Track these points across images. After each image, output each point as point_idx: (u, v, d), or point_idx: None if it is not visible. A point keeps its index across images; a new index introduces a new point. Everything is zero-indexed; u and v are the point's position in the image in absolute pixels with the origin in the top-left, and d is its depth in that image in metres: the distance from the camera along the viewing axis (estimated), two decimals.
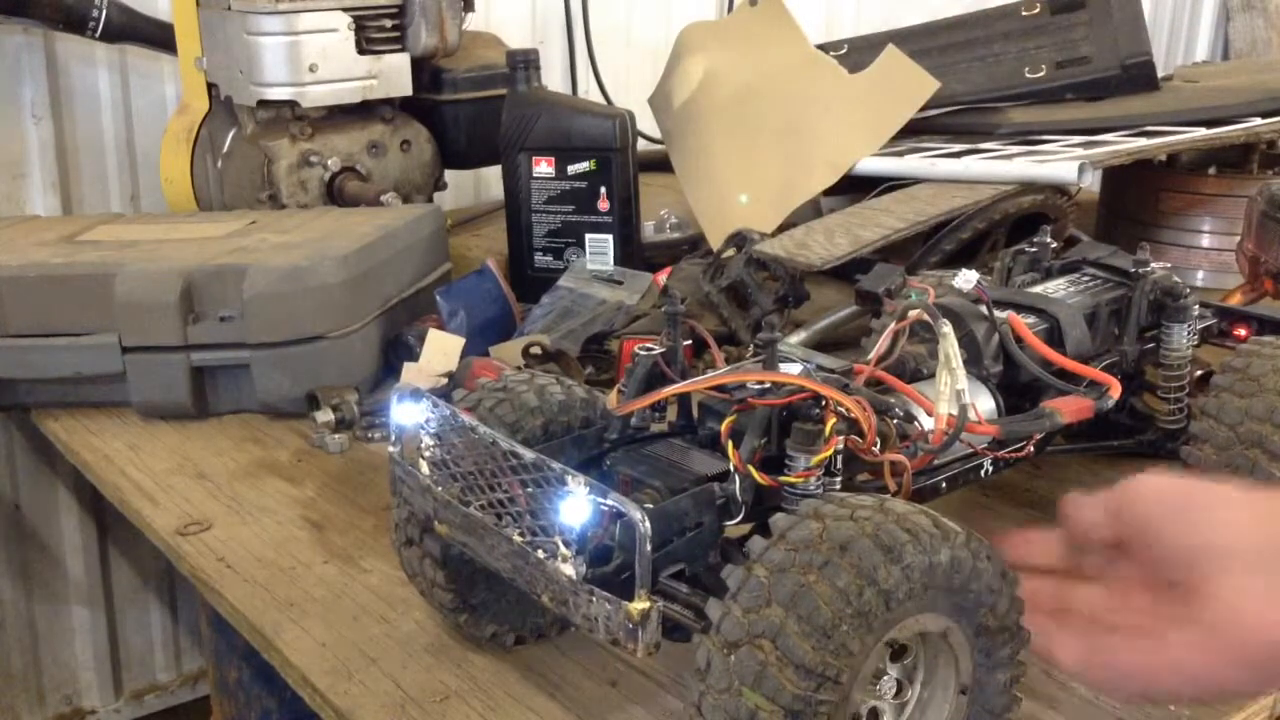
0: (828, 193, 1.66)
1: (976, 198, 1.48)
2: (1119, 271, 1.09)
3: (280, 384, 1.30)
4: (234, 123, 1.71)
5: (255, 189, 1.67)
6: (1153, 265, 1.07)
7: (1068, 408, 0.90)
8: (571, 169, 1.59)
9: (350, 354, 1.33)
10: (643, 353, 0.86)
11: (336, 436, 1.24)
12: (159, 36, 1.81)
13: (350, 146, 1.70)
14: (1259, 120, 1.62)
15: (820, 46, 1.88)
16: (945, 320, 0.84)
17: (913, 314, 0.88)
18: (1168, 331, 1.05)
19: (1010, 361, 0.94)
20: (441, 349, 1.35)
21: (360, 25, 1.66)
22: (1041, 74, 1.80)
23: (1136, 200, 1.75)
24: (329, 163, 1.68)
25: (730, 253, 1.48)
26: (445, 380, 1.32)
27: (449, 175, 1.88)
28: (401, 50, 1.71)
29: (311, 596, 0.97)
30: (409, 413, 0.82)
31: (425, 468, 0.80)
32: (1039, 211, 1.53)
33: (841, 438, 0.76)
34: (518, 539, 0.72)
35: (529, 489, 0.72)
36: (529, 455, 0.72)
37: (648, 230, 1.74)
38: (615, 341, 1.40)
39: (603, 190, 1.59)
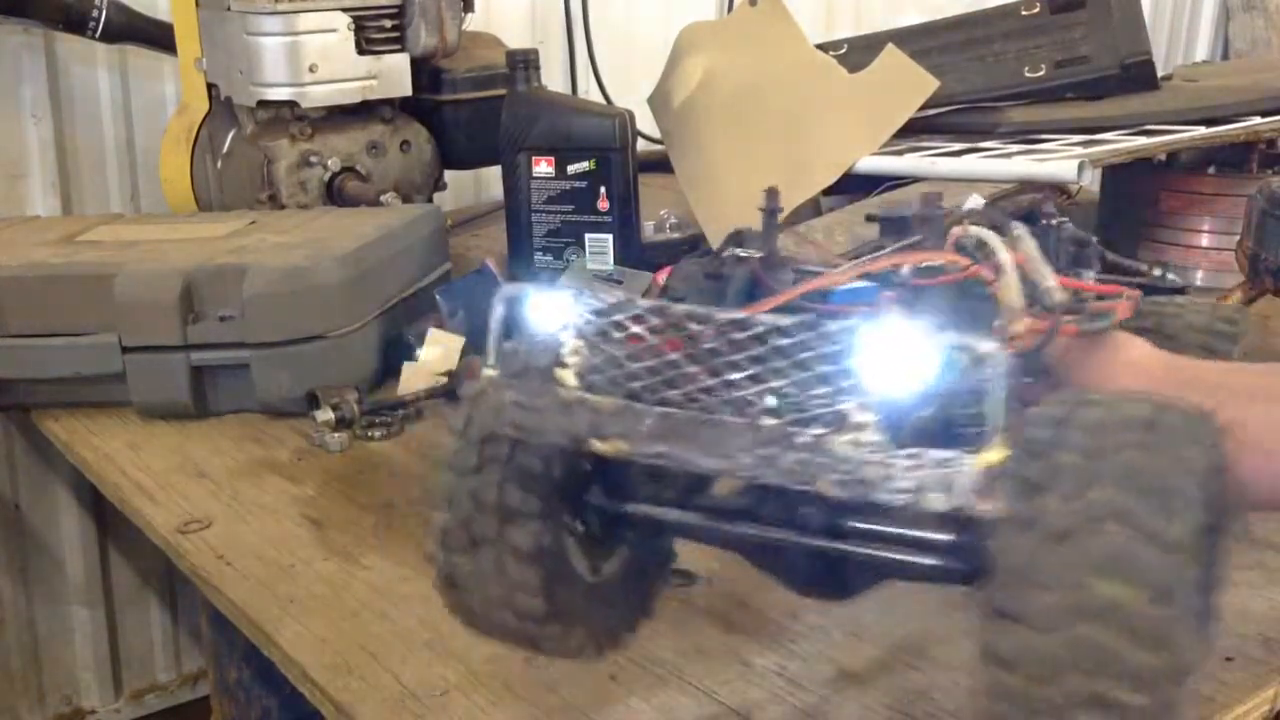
0: (827, 192, 1.66)
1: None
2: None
3: (280, 384, 1.30)
4: (234, 123, 1.71)
5: (255, 189, 1.67)
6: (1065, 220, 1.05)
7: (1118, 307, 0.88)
8: (571, 169, 1.59)
9: (350, 354, 1.33)
10: (733, 258, 0.75)
11: (336, 435, 1.24)
12: (159, 36, 1.81)
13: (350, 147, 1.70)
14: (1259, 120, 1.62)
15: (820, 46, 1.88)
16: (1015, 222, 0.78)
17: (966, 228, 0.79)
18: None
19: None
20: (441, 348, 1.36)
21: (360, 25, 1.66)
22: (1041, 73, 1.80)
23: (1136, 199, 1.75)
24: (329, 163, 1.68)
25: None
26: (445, 379, 1.32)
27: (449, 175, 1.88)
28: (401, 50, 1.71)
29: (312, 593, 0.97)
30: (550, 313, 0.64)
31: (571, 378, 0.63)
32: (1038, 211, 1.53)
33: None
34: (768, 421, 0.58)
35: (769, 361, 0.59)
36: (771, 318, 0.59)
37: (648, 230, 1.74)
38: None
39: (603, 190, 1.59)
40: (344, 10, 1.64)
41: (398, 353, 1.38)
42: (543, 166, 1.60)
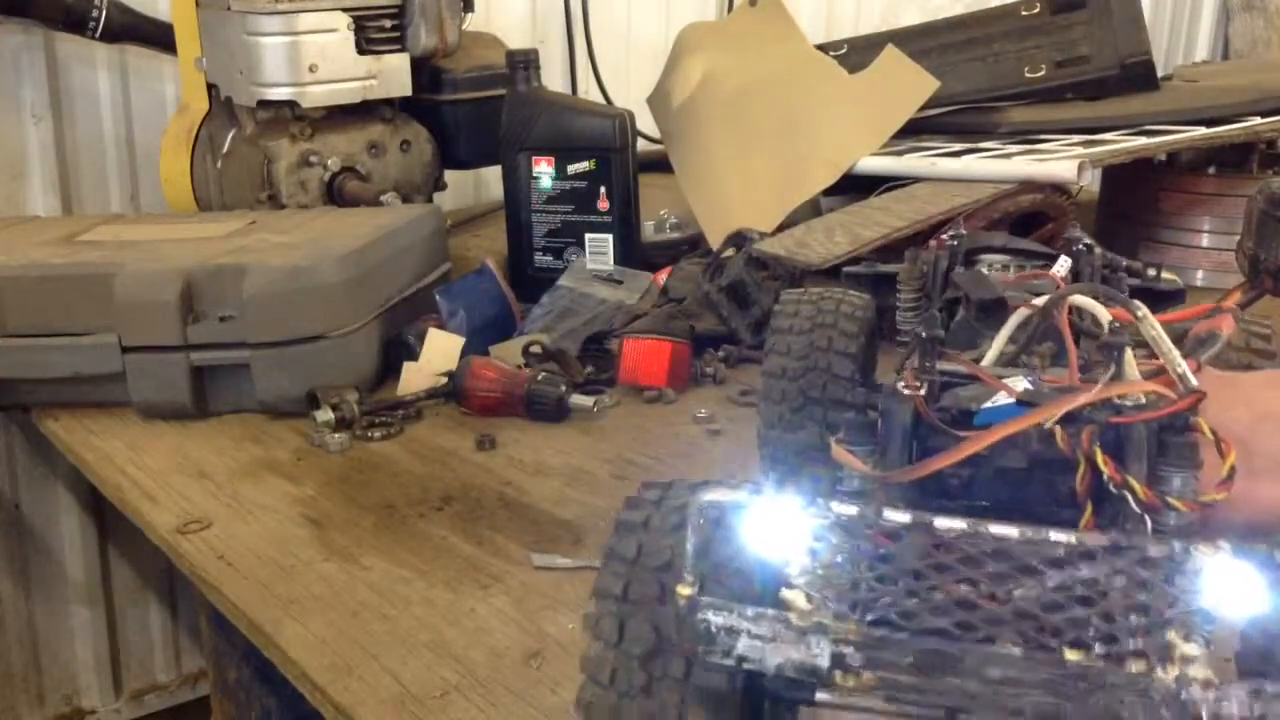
0: (828, 193, 1.66)
1: (976, 197, 1.48)
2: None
3: (280, 384, 1.30)
4: (234, 123, 1.71)
5: (255, 189, 1.67)
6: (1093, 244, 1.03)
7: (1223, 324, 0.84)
8: (571, 169, 1.59)
9: (350, 354, 1.33)
10: (894, 392, 0.67)
11: (336, 436, 1.24)
12: (159, 36, 1.82)
13: (350, 147, 1.70)
14: (1259, 120, 1.62)
15: (820, 46, 1.88)
16: (1137, 303, 0.74)
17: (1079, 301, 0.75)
18: None
19: None
20: (441, 348, 1.36)
21: (360, 25, 1.66)
22: (1041, 74, 1.80)
23: (1136, 200, 1.76)
24: (329, 163, 1.68)
25: (730, 252, 1.48)
26: (445, 379, 1.32)
27: (449, 175, 1.88)
28: (401, 50, 1.71)
29: (312, 593, 0.97)
30: (773, 528, 0.54)
31: (802, 601, 0.53)
32: (1039, 210, 1.53)
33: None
34: (1073, 654, 0.48)
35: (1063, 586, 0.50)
36: (1073, 539, 0.51)
37: (648, 230, 1.74)
38: (615, 341, 1.40)
39: (603, 190, 1.59)
40: (344, 10, 1.64)
41: (398, 353, 1.38)
42: (543, 166, 1.60)
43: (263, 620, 0.94)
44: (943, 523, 0.52)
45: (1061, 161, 1.50)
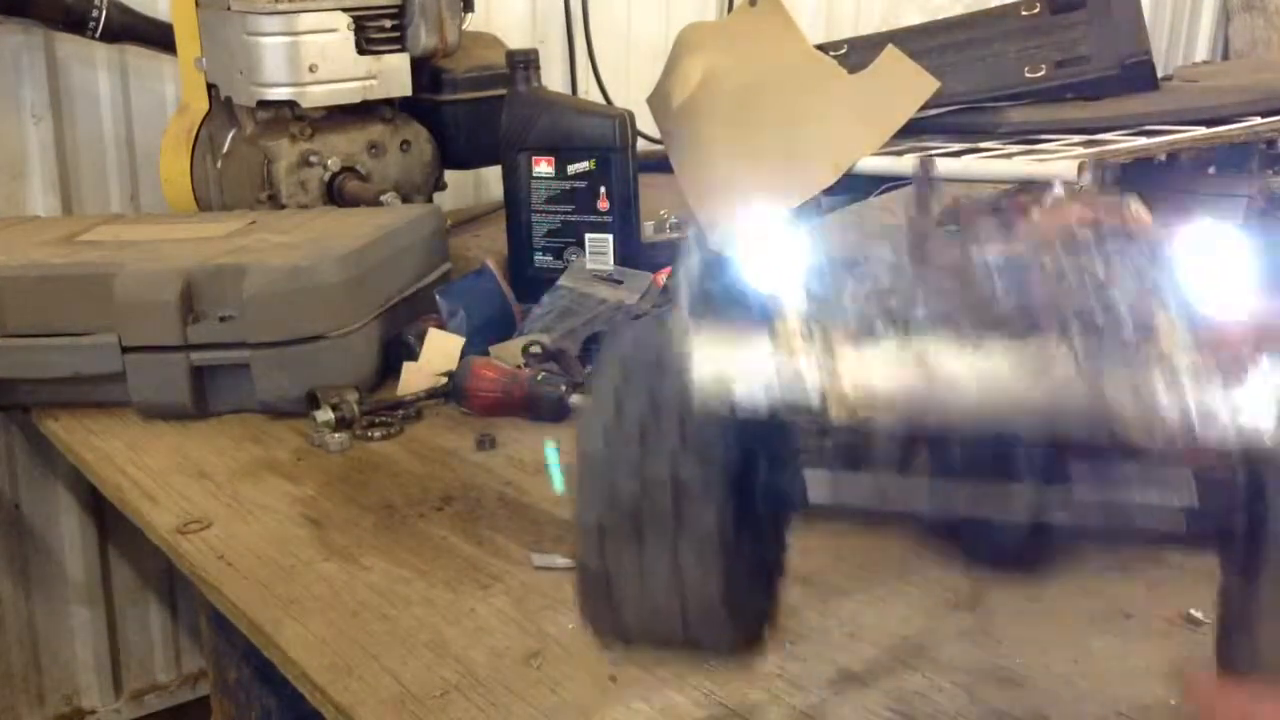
0: (827, 193, 1.66)
1: (976, 196, 1.48)
2: None
3: (280, 384, 1.30)
4: (234, 123, 1.71)
5: (255, 189, 1.67)
6: None
7: None
8: (571, 169, 1.59)
9: (350, 354, 1.33)
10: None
11: (336, 436, 1.24)
12: (159, 36, 1.82)
13: (350, 147, 1.70)
14: (1259, 120, 1.62)
15: (820, 46, 1.88)
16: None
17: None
18: None
19: None
20: (441, 349, 1.36)
21: (360, 25, 1.66)
22: (1041, 74, 1.80)
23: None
24: (329, 163, 1.68)
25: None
26: (445, 380, 1.32)
27: (449, 175, 1.88)
28: (401, 50, 1.71)
29: (312, 593, 0.97)
30: (767, 256, 0.52)
31: (798, 331, 0.51)
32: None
33: None
34: (1064, 353, 0.47)
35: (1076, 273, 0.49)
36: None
37: (648, 230, 1.74)
38: None
39: (603, 190, 1.59)
40: (344, 10, 1.64)
41: (398, 353, 1.38)
42: (543, 166, 1.60)
43: (263, 620, 0.94)
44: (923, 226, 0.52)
45: (1061, 161, 1.50)
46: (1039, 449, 0.55)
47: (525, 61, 1.62)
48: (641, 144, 1.68)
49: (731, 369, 0.51)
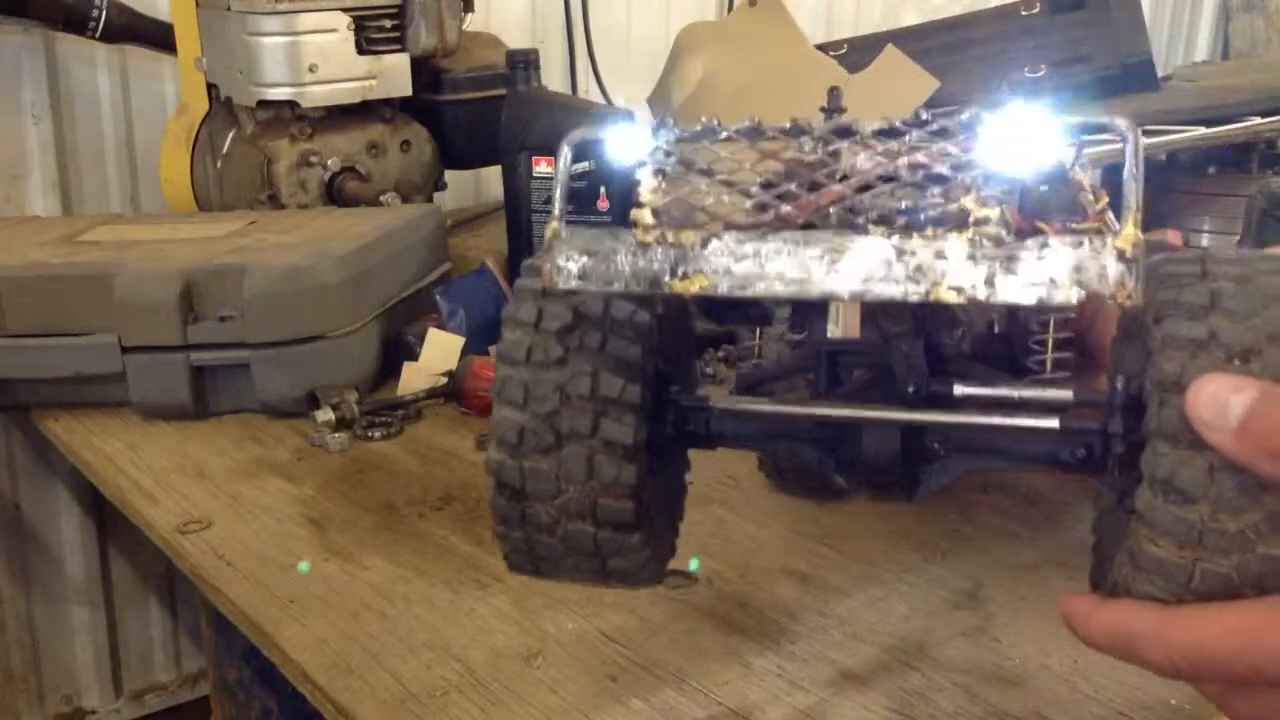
0: None
1: None
2: None
3: (280, 384, 1.30)
4: (234, 123, 1.71)
5: (255, 189, 1.67)
6: None
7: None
8: (571, 169, 1.58)
9: (350, 354, 1.33)
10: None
11: (336, 435, 1.24)
12: (159, 36, 1.82)
13: (350, 147, 1.70)
14: (1259, 120, 1.62)
15: (820, 46, 1.88)
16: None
17: None
18: None
19: None
20: (441, 348, 1.36)
21: (360, 25, 1.66)
22: (1041, 74, 1.80)
23: None
24: (329, 163, 1.68)
25: None
26: (445, 379, 1.32)
27: (449, 175, 1.88)
28: (401, 50, 1.71)
29: (311, 593, 0.97)
30: (626, 150, 0.57)
31: (648, 218, 0.54)
32: None
33: None
34: (877, 230, 0.50)
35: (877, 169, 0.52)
36: (876, 122, 0.52)
37: None
38: None
39: (603, 190, 1.59)
40: (344, 10, 1.65)
41: (398, 353, 1.39)
42: (543, 166, 1.60)
43: (263, 620, 0.94)
44: (772, 126, 0.54)
45: None
46: (915, 364, 0.58)
47: (525, 61, 1.62)
48: None
49: (590, 255, 0.55)
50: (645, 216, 0.54)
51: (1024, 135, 0.49)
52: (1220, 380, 0.48)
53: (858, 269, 0.50)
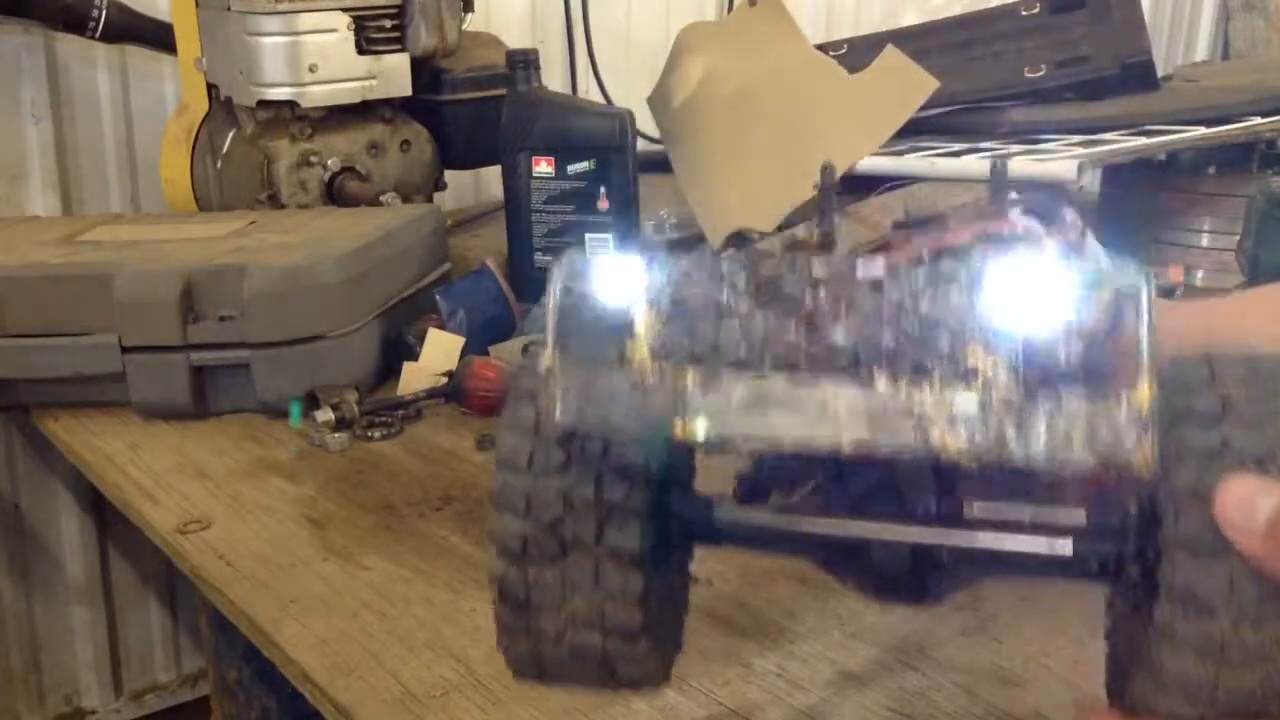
0: None
1: (976, 197, 1.48)
2: None
3: (280, 384, 1.30)
4: (234, 123, 1.71)
5: (255, 189, 1.67)
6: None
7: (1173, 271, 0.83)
8: (571, 169, 1.59)
9: (350, 354, 1.33)
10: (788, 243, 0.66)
11: (336, 436, 1.24)
12: (159, 36, 1.82)
13: (350, 147, 1.70)
14: (1259, 120, 1.62)
15: (820, 46, 1.88)
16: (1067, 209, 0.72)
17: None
18: None
19: None
20: (441, 349, 1.36)
21: (360, 25, 1.66)
22: (1041, 73, 1.80)
23: (1136, 199, 1.75)
24: (329, 163, 1.68)
25: (730, 252, 1.48)
26: (445, 379, 1.32)
27: (449, 175, 1.88)
28: (401, 50, 1.71)
29: (312, 593, 0.97)
30: (619, 282, 0.54)
31: (644, 352, 0.53)
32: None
33: None
34: (882, 380, 0.49)
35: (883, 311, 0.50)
36: (883, 262, 0.50)
37: (648, 230, 1.74)
38: None
39: (603, 190, 1.59)
40: (344, 10, 1.65)
41: (398, 353, 1.39)
42: (543, 166, 1.60)
43: (263, 620, 0.94)
44: (772, 257, 0.51)
45: (1061, 162, 1.50)
46: (923, 477, 0.57)
47: (525, 61, 1.62)
48: (641, 144, 1.68)
49: (584, 394, 0.52)
50: (643, 353, 0.52)
51: (1033, 285, 0.48)
52: (1248, 483, 0.48)
53: (862, 419, 0.48)
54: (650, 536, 0.59)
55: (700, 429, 0.50)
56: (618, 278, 0.53)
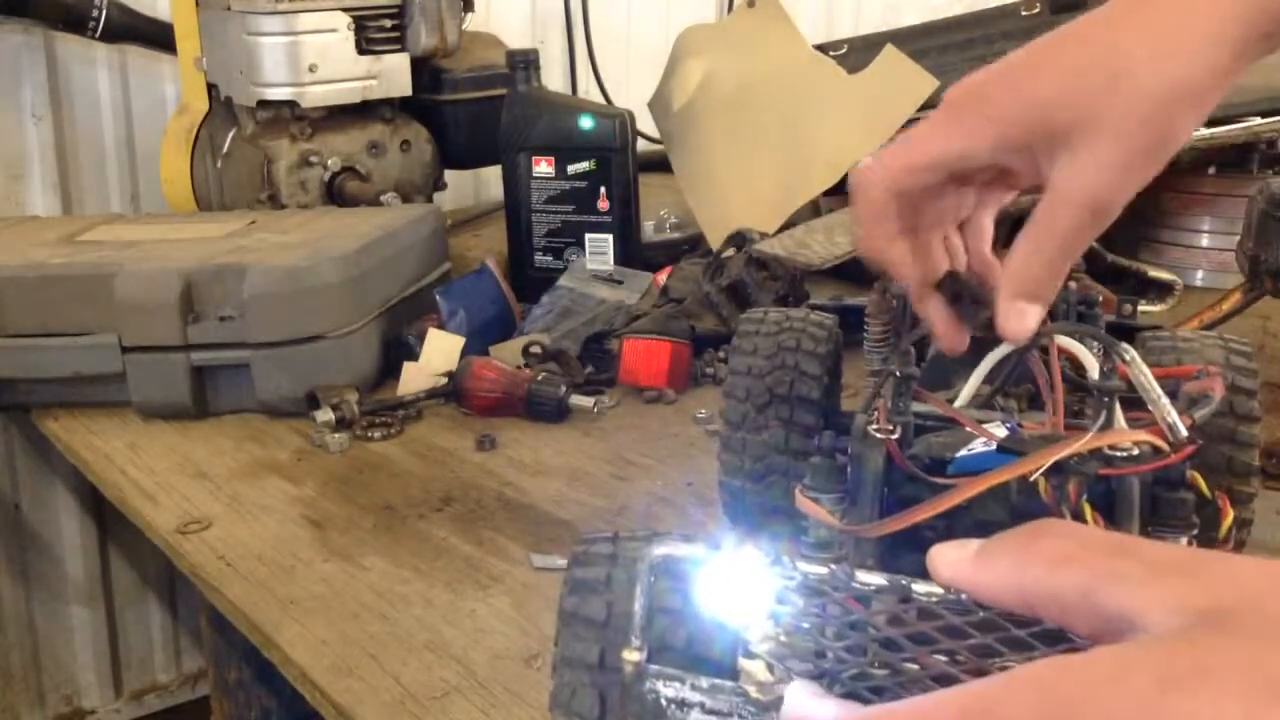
0: (828, 193, 1.66)
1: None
2: None
3: (280, 384, 1.30)
4: (234, 123, 1.71)
5: (255, 189, 1.67)
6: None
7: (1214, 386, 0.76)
8: (571, 169, 1.59)
9: (350, 354, 1.33)
10: (865, 435, 0.62)
11: (337, 436, 1.24)
12: (159, 36, 1.82)
13: (350, 146, 1.70)
14: (1259, 120, 1.62)
15: (820, 46, 1.88)
16: (1125, 346, 0.69)
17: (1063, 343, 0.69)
18: None
19: None
20: (441, 349, 1.36)
21: (360, 25, 1.66)
22: None
23: (1136, 200, 1.75)
24: (329, 163, 1.68)
25: (730, 252, 1.48)
26: (445, 380, 1.32)
27: (449, 175, 1.88)
28: (401, 50, 1.71)
29: (312, 594, 0.97)
30: (734, 589, 0.47)
31: (763, 673, 0.46)
32: None
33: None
34: None
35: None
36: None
37: (648, 230, 1.74)
38: (615, 341, 1.40)
39: (603, 190, 1.59)
40: (344, 10, 1.65)
41: (398, 353, 1.39)
42: (543, 166, 1.60)
43: (262, 621, 0.94)
44: (921, 587, 0.45)
45: None
46: None
47: (525, 61, 1.62)
48: (641, 144, 1.69)
49: (692, 695, 0.47)
50: (759, 670, 0.45)
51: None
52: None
53: None
54: None
55: None
56: (728, 579, 0.47)
